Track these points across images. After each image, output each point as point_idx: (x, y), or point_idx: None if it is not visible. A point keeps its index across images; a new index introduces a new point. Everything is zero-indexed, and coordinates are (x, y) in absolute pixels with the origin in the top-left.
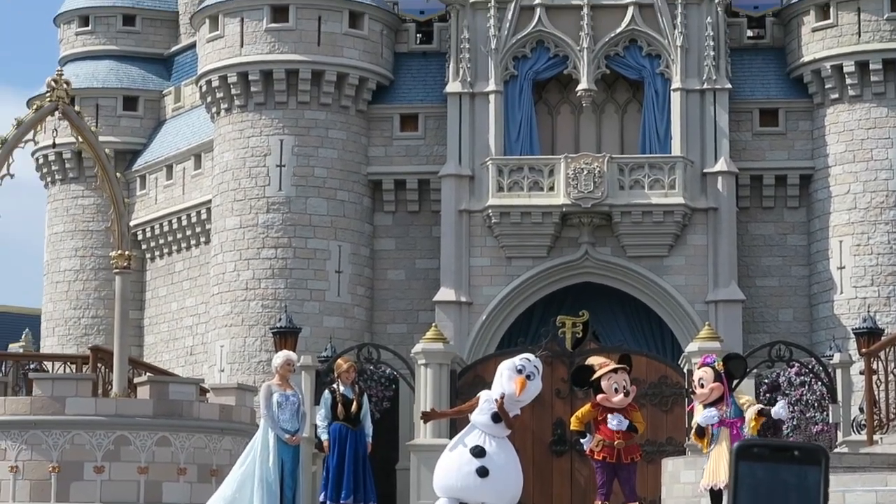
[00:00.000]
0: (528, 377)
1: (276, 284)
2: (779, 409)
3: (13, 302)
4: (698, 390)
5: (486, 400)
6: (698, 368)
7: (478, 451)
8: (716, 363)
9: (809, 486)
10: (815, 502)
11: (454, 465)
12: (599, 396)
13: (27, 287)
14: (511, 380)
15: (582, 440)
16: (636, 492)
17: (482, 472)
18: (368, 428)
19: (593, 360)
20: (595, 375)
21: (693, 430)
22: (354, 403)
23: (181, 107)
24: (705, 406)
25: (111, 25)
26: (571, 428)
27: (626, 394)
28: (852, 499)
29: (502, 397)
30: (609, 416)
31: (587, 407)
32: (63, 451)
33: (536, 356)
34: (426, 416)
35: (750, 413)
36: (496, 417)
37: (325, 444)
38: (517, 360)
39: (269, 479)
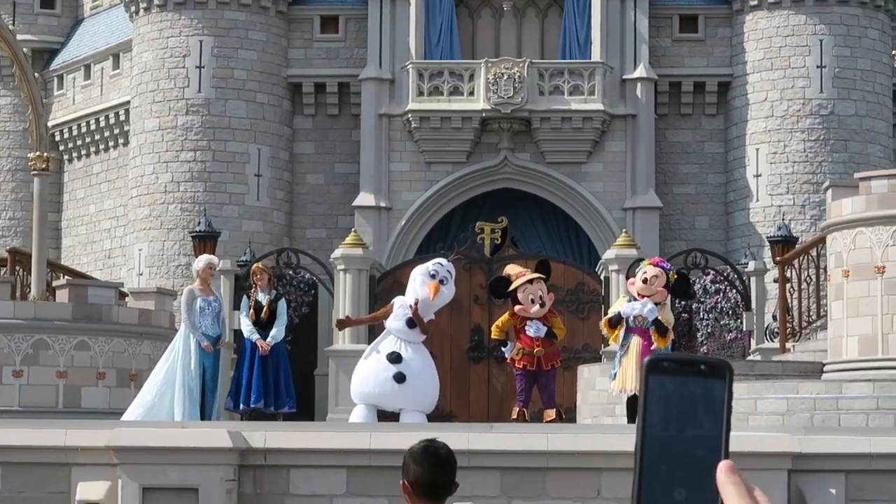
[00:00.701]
0: (441, 282)
1: (196, 188)
2: (650, 310)
3: None
4: (640, 284)
5: (401, 306)
6: (650, 265)
7: (394, 357)
8: (671, 272)
9: (715, 398)
10: (720, 412)
11: (371, 371)
12: (517, 307)
13: None
14: (424, 285)
15: (503, 348)
16: (554, 398)
17: (399, 378)
18: (277, 333)
19: (510, 270)
20: (511, 286)
21: (607, 318)
22: (266, 308)
23: (99, 5)
24: (633, 299)
25: None
26: (492, 337)
27: (542, 304)
28: (764, 406)
29: (416, 303)
30: (528, 323)
31: (506, 316)
32: None
33: (449, 261)
34: (341, 324)
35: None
36: (411, 323)
37: (263, 344)
38: (430, 266)
39: (191, 384)
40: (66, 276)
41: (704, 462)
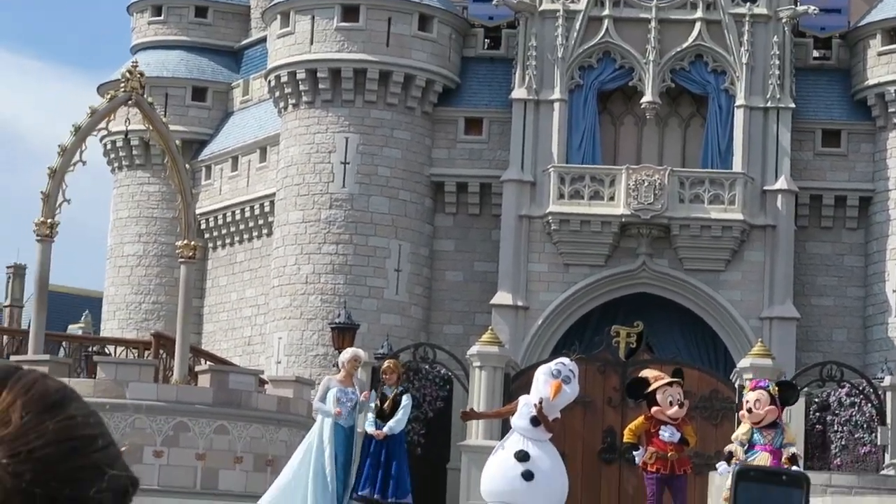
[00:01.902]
0: (564, 381)
1: (336, 280)
2: (721, 471)
3: (76, 283)
4: (753, 410)
5: (525, 404)
6: (750, 391)
7: (522, 456)
8: (769, 387)
9: (793, 503)
10: None
11: (500, 470)
12: (654, 409)
13: (90, 270)
14: (547, 384)
15: (634, 452)
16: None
17: (528, 476)
18: (394, 425)
19: (647, 373)
20: (650, 388)
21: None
22: (390, 400)
23: (249, 100)
24: (757, 428)
25: (183, 16)
26: (624, 440)
27: (681, 405)
28: None
29: (541, 402)
30: (662, 428)
31: (640, 419)
32: (124, 434)
33: (572, 360)
34: (465, 416)
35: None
36: (535, 421)
37: (378, 433)
38: (552, 365)
39: (325, 471)
40: (207, 362)
41: None
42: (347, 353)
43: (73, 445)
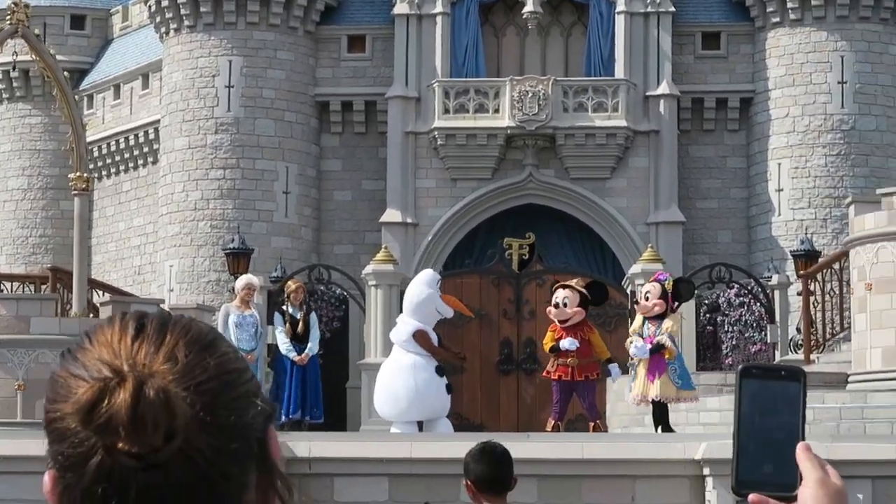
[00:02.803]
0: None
1: (225, 205)
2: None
3: None
4: (642, 301)
5: (414, 326)
6: (649, 281)
7: (441, 371)
8: (667, 281)
9: (792, 395)
10: (796, 405)
11: (432, 388)
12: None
13: None
14: (445, 306)
15: (609, 366)
16: (596, 409)
17: (449, 389)
18: (314, 345)
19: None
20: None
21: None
22: (301, 323)
23: (129, 26)
24: (645, 318)
25: None
26: (546, 350)
27: (556, 307)
28: None
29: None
30: (562, 338)
31: (548, 332)
32: (28, 369)
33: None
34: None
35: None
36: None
37: (300, 357)
38: (433, 279)
39: None
40: (105, 293)
41: (786, 443)
42: (241, 282)
43: (230, 378)
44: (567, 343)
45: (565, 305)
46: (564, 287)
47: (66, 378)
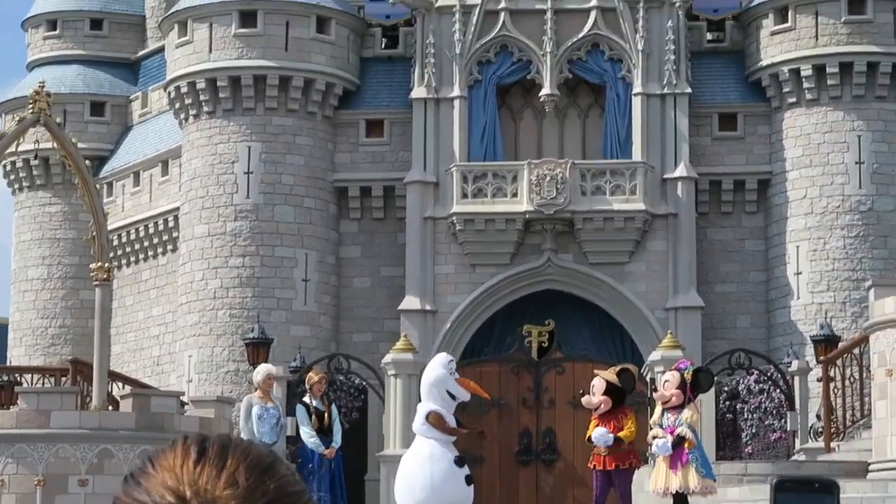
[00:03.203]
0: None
1: (244, 293)
2: (661, 447)
3: None
4: (660, 390)
5: (436, 410)
6: (670, 370)
7: (460, 461)
8: (687, 371)
9: None
10: None
11: (449, 480)
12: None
13: None
14: (459, 388)
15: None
16: (629, 498)
17: (469, 481)
18: (338, 438)
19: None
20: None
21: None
22: (326, 415)
23: (148, 112)
24: (665, 409)
25: (79, 29)
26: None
27: (603, 393)
28: None
29: (432, 413)
30: (596, 428)
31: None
32: (48, 464)
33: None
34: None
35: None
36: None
37: (329, 451)
38: (448, 363)
39: None
40: (126, 386)
41: None
42: (260, 373)
43: (289, 501)
44: (595, 434)
45: (593, 394)
46: (596, 375)
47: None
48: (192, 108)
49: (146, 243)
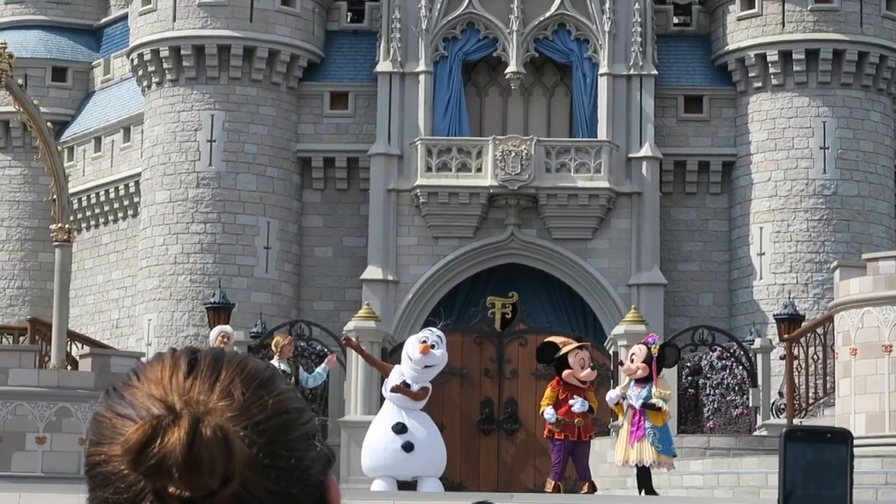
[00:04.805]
0: (431, 345)
1: (205, 259)
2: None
3: None
4: (627, 363)
5: (399, 374)
6: (639, 343)
7: (399, 428)
8: (654, 345)
9: (840, 461)
10: (844, 474)
11: (379, 444)
12: (565, 372)
13: None
14: (416, 349)
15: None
16: (589, 471)
17: (408, 448)
18: (323, 375)
19: (556, 339)
20: (561, 351)
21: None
22: (292, 379)
23: (110, 79)
24: (631, 381)
25: None
26: (542, 412)
27: (592, 368)
28: (774, 480)
29: (403, 383)
30: (572, 398)
31: (549, 390)
32: (5, 421)
33: (439, 327)
34: (348, 341)
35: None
36: (396, 388)
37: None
38: (420, 333)
39: None
40: (84, 346)
41: None
42: (214, 332)
43: (289, 418)
44: (578, 406)
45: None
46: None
47: (111, 418)
48: (156, 75)
49: (106, 208)
